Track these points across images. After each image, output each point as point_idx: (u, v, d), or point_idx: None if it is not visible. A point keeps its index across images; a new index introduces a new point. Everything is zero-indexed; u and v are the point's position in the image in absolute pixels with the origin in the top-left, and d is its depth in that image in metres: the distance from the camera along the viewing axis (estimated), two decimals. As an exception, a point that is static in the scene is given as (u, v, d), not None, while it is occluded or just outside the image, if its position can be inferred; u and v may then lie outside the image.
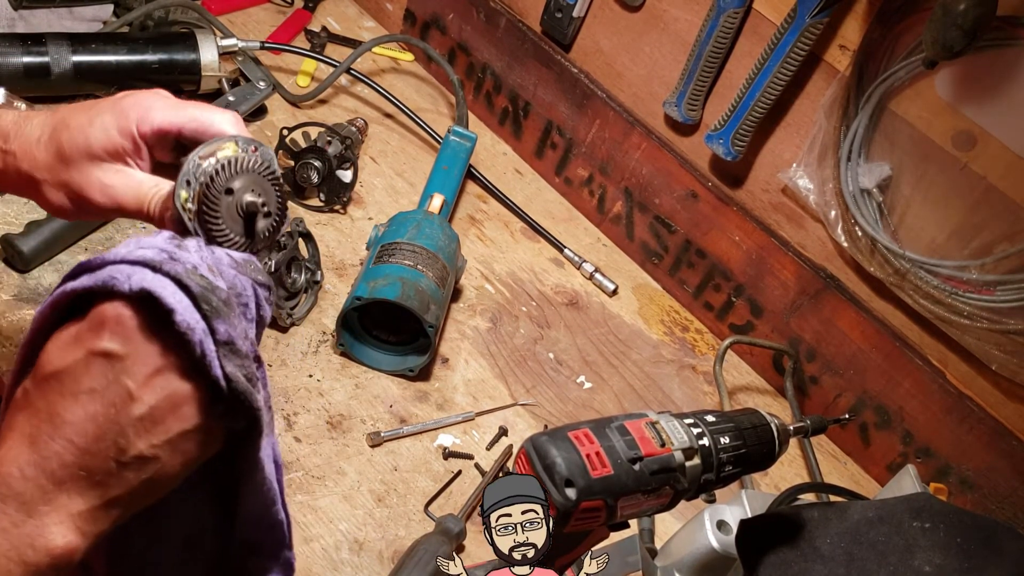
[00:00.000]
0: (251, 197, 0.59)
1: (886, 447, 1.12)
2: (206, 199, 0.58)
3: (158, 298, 0.49)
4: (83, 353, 0.49)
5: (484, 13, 1.32)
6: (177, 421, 0.51)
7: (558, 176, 1.34)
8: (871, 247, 1.05)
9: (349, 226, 1.17)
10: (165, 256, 0.51)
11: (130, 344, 0.49)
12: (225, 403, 0.52)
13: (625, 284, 1.25)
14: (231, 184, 0.58)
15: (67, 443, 0.48)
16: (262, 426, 0.54)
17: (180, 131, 0.61)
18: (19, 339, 0.88)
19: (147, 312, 0.50)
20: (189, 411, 0.51)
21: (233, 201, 0.59)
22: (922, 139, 0.99)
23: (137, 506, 0.52)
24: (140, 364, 0.49)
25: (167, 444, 0.50)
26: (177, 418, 0.51)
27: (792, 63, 1.02)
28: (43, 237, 0.94)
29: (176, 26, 1.25)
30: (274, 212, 0.61)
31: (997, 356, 0.98)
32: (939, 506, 0.70)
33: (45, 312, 0.51)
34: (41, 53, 1.07)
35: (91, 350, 0.49)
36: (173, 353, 0.50)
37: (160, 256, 0.51)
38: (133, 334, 0.49)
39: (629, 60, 1.22)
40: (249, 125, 1.22)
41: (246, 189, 0.59)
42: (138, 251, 0.51)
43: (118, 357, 0.49)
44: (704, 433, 0.64)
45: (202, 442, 0.52)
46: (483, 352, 1.09)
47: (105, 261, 0.51)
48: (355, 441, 0.95)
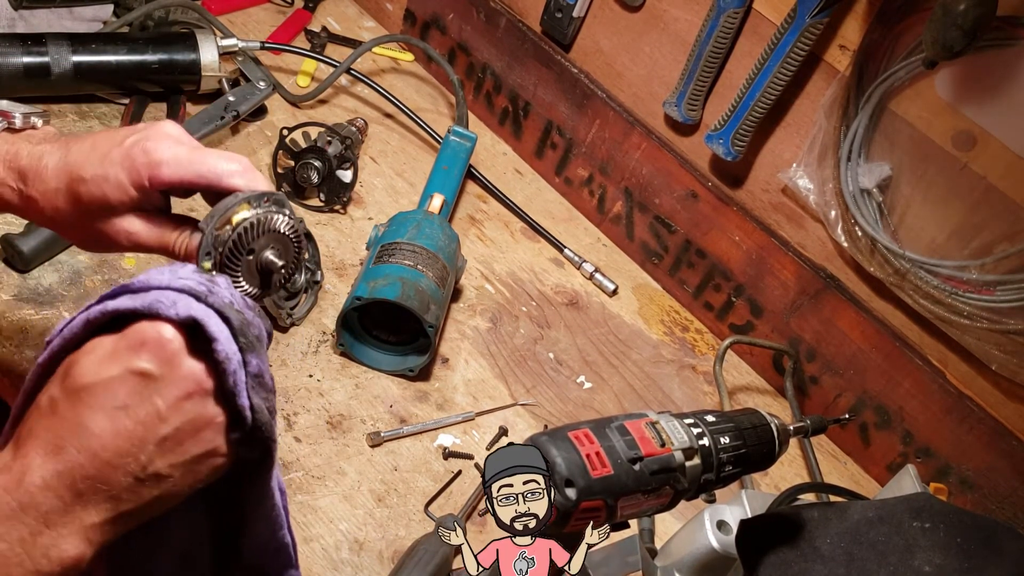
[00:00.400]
0: (271, 256, 0.62)
1: (886, 447, 1.12)
2: (228, 265, 0.61)
3: (203, 326, 0.51)
4: (120, 370, 0.50)
5: (484, 13, 1.32)
6: (197, 444, 0.52)
7: (558, 176, 1.34)
8: (871, 247, 1.05)
9: (349, 226, 1.17)
10: (201, 288, 0.53)
11: (167, 367, 0.51)
12: (244, 432, 0.54)
13: (625, 284, 1.25)
14: (251, 247, 0.62)
15: (92, 456, 0.49)
16: (275, 457, 0.57)
17: (190, 186, 0.62)
18: (19, 339, 0.88)
19: (187, 338, 0.52)
20: (209, 435, 0.53)
21: (253, 260, 0.62)
22: (922, 139, 0.99)
23: (143, 520, 0.53)
24: (173, 387, 0.51)
25: (183, 464, 0.52)
26: (197, 441, 0.52)
27: (792, 63, 1.02)
28: (43, 237, 0.94)
29: (176, 26, 1.25)
30: (289, 263, 0.64)
31: (997, 356, 0.98)
32: (939, 506, 0.70)
33: (77, 328, 0.52)
34: (41, 53, 1.07)
35: (129, 368, 0.50)
36: (207, 380, 0.52)
37: (201, 287, 0.53)
38: (172, 357, 0.51)
39: (629, 60, 1.22)
40: (249, 125, 1.22)
41: (264, 248, 0.62)
42: (179, 280, 0.53)
43: (154, 378, 0.51)
44: (704, 433, 0.64)
45: (214, 465, 0.54)
46: (483, 352, 1.09)
47: (149, 286, 0.52)
48: (355, 441, 0.95)
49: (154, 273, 0.54)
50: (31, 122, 0.67)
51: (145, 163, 0.59)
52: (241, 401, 0.53)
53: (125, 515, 0.51)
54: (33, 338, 0.89)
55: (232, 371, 0.52)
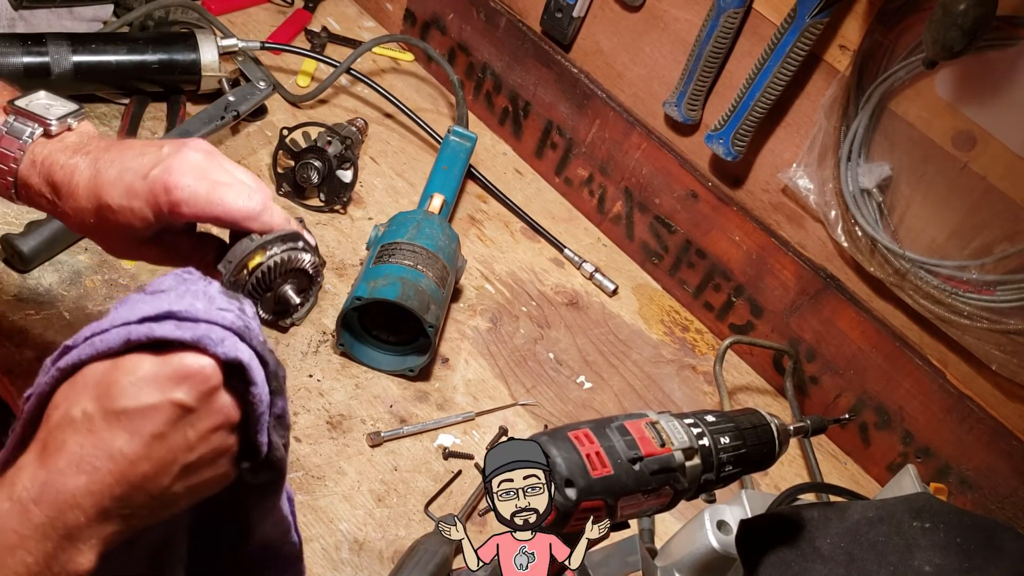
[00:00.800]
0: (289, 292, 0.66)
1: (886, 447, 1.12)
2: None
3: (247, 369, 0.54)
4: (160, 399, 0.51)
5: (484, 13, 1.32)
6: (211, 470, 0.55)
7: (558, 176, 1.34)
8: (871, 247, 1.05)
9: (349, 226, 1.17)
10: (242, 324, 0.54)
11: (205, 401, 0.52)
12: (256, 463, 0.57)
13: (625, 284, 1.25)
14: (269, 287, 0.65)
15: (121, 478, 0.50)
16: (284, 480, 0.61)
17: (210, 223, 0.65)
18: (19, 339, 0.88)
19: (226, 375, 0.53)
20: (224, 463, 0.56)
21: (271, 295, 0.66)
22: (922, 139, 0.99)
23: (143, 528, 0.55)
24: (206, 420, 0.53)
25: (195, 486, 0.54)
26: (212, 467, 0.55)
27: (792, 63, 1.02)
28: (43, 237, 0.94)
29: (176, 26, 1.25)
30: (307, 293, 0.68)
31: (997, 356, 0.98)
32: (939, 506, 0.70)
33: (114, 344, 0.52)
34: (41, 53, 1.07)
35: (170, 398, 0.51)
36: (235, 415, 0.55)
37: (239, 323, 0.54)
38: (212, 393, 0.53)
39: (629, 60, 1.22)
40: (249, 125, 1.22)
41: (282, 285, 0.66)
42: (219, 313, 0.54)
43: (190, 410, 0.52)
44: (704, 433, 0.64)
45: (219, 486, 0.57)
46: (483, 352, 1.09)
47: (197, 318, 0.53)
48: (355, 441, 0.95)
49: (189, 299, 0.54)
50: (67, 125, 0.67)
51: (166, 201, 0.62)
52: (261, 438, 0.56)
53: (133, 528, 0.53)
54: (33, 338, 0.89)
55: (261, 412, 0.55)
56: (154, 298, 0.54)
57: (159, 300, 0.53)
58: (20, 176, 0.66)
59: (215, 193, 0.63)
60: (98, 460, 0.49)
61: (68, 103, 0.69)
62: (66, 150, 0.65)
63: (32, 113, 0.66)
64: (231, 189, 0.63)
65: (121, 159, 0.64)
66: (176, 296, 0.54)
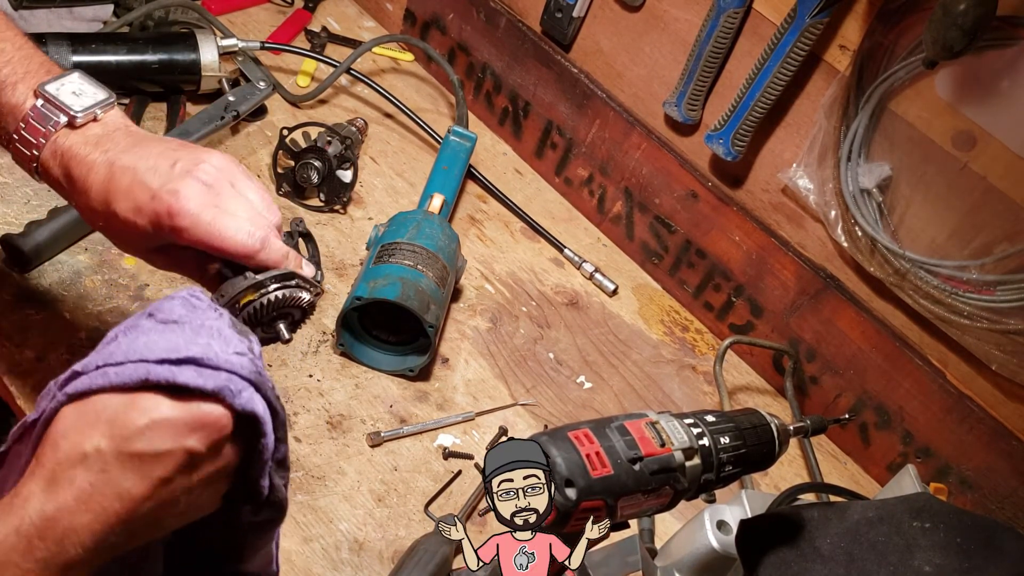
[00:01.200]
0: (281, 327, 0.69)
1: (886, 447, 1.12)
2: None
3: (260, 423, 0.55)
4: (175, 445, 0.51)
5: (484, 13, 1.32)
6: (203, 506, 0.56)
7: (558, 176, 1.34)
8: (871, 247, 1.05)
9: (349, 226, 1.17)
10: (256, 372, 0.55)
11: (214, 450, 0.53)
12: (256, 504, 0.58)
13: (625, 284, 1.25)
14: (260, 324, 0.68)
15: (125, 517, 0.51)
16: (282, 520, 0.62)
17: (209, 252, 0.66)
18: (19, 339, 0.88)
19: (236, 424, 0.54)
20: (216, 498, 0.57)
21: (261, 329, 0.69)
22: (922, 139, 0.99)
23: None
24: (210, 466, 0.54)
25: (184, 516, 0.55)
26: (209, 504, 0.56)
27: (792, 63, 1.02)
28: (43, 237, 0.94)
29: (176, 26, 1.25)
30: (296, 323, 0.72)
31: (997, 356, 0.98)
32: (939, 506, 0.70)
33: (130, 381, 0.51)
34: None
35: (183, 446, 0.52)
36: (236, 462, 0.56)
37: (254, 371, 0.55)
38: (222, 442, 0.54)
39: (629, 60, 1.22)
40: (249, 125, 1.22)
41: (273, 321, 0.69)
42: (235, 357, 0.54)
43: (199, 456, 0.52)
44: (704, 433, 0.64)
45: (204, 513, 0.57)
46: (483, 352, 1.09)
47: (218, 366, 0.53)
48: (355, 441, 0.95)
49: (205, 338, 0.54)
50: (92, 115, 0.67)
51: (168, 225, 0.64)
52: (263, 482, 0.57)
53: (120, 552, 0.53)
54: (33, 338, 0.89)
55: (266, 460, 0.56)
56: (168, 331, 0.53)
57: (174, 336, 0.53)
58: (41, 163, 0.67)
59: (216, 225, 0.64)
60: (106, 500, 0.50)
61: (100, 89, 0.69)
62: (87, 143, 0.66)
63: (59, 102, 0.66)
64: (233, 222, 0.64)
65: (135, 168, 0.64)
66: (191, 332, 0.54)
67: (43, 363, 0.87)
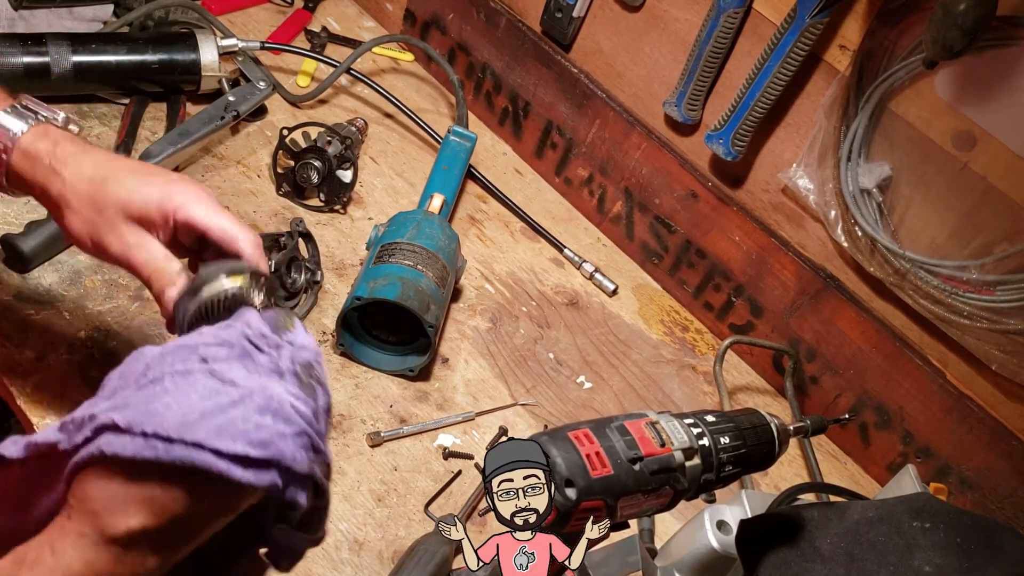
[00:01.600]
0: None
1: (886, 447, 1.12)
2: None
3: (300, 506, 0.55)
4: (214, 525, 0.53)
5: (484, 13, 1.32)
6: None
7: (558, 176, 1.34)
8: (871, 247, 1.05)
9: (349, 226, 1.17)
10: (310, 463, 0.54)
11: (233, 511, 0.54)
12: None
13: (625, 284, 1.25)
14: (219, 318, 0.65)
15: (160, 568, 0.52)
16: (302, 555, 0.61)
17: (207, 232, 0.67)
18: (19, 339, 0.88)
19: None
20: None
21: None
22: (922, 139, 0.99)
23: None
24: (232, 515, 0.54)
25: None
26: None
27: (792, 63, 1.02)
28: (43, 237, 0.94)
29: (176, 26, 1.25)
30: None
31: (997, 356, 0.98)
32: (939, 506, 0.70)
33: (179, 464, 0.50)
34: (41, 53, 1.07)
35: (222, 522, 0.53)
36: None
37: (306, 461, 0.53)
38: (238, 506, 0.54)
39: (629, 60, 1.22)
40: (249, 125, 1.22)
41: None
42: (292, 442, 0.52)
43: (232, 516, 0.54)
44: (704, 433, 0.64)
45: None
46: (483, 352, 1.09)
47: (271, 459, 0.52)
48: (355, 441, 0.95)
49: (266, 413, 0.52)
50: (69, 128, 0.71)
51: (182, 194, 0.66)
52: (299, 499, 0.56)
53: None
54: (33, 338, 0.89)
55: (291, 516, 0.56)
56: (223, 395, 0.51)
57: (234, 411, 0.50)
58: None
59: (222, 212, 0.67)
60: (137, 565, 0.51)
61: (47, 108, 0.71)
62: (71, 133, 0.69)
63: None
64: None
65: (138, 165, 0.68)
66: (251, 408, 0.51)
67: (43, 363, 0.87)
